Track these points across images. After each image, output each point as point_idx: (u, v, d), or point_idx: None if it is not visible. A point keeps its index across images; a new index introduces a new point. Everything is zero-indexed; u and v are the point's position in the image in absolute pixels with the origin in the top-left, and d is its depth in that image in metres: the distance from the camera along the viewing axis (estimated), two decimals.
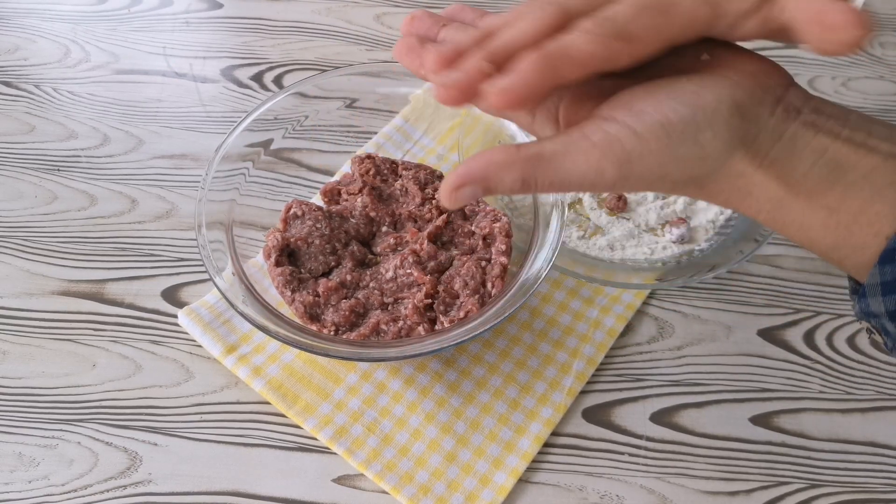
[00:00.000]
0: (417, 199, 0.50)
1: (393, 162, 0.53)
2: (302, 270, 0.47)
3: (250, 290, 0.44)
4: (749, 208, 0.28)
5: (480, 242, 0.49)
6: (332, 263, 0.48)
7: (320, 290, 0.46)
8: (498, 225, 0.48)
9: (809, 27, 0.25)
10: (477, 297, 0.46)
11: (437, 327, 0.45)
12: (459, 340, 0.41)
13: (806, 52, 0.71)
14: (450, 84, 0.26)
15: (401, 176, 0.52)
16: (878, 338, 0.28)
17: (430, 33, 0.31)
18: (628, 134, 0.25)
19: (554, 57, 0.25)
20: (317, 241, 0.48)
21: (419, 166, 0.53)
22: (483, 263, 0.47)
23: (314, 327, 0.45)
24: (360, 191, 0.51)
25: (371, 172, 0.52)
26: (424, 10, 0.32)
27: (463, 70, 0.26)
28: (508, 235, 0.48)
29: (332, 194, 0.52)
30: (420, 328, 0.45)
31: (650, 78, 0.27)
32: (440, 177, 0.53)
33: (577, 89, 0.28)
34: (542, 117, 0.29)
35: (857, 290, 0.28)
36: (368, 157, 0.53)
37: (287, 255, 0.48)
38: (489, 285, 0.46)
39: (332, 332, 0.45)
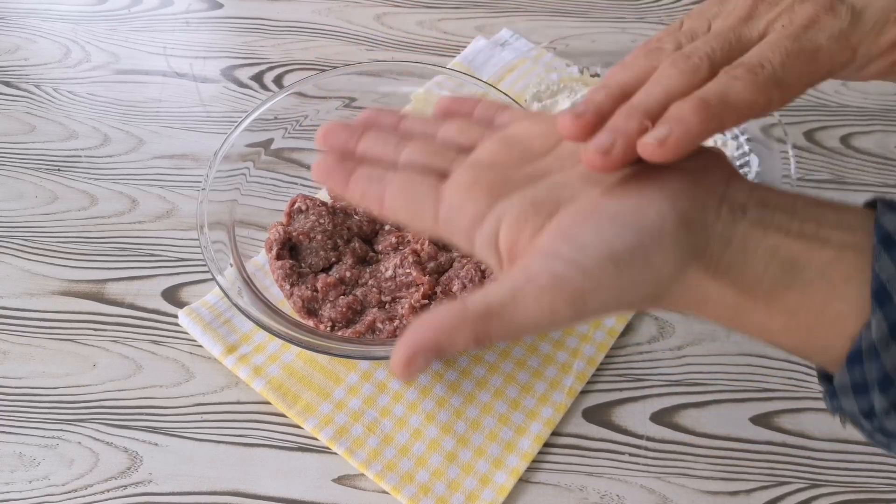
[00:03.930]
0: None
1: None
2: (302, 265, 0.47)
3: (251, 288, 0.45)
4: (707, 314, 0.26)
5: None
6: (333, 259, 0.48)
7: (319, 285, 0.46)
8: None
9: None
10: None
11: None
12: None
13: None
14: (610, 150, 0.24)
15: None
16: (852, 426, 0.27)
17: (349, 146, 0.29)
18: (576, 271, 0.23)
19: (715, 105, 0.24)
20: (319, 237, 0.48)
21: None
22: (483, 266, 0.47)
23: (311, 322, 0.45)
24: None
25: None
26: (337, 121, 0.30)
27: (622, 132, 0.24)
28: None
29: None
30: None
31: (589, 183, 0.26)
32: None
33: (515, 211, 0.26)
34: (482, 242, 0.26)
35: (828, 389, 0.26)
36: None
37: (289, 248, 0.48)
38: None
39: (328, 329, 0.45)
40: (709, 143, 0.60)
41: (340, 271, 0.47)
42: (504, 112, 0.32)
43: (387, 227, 0.51)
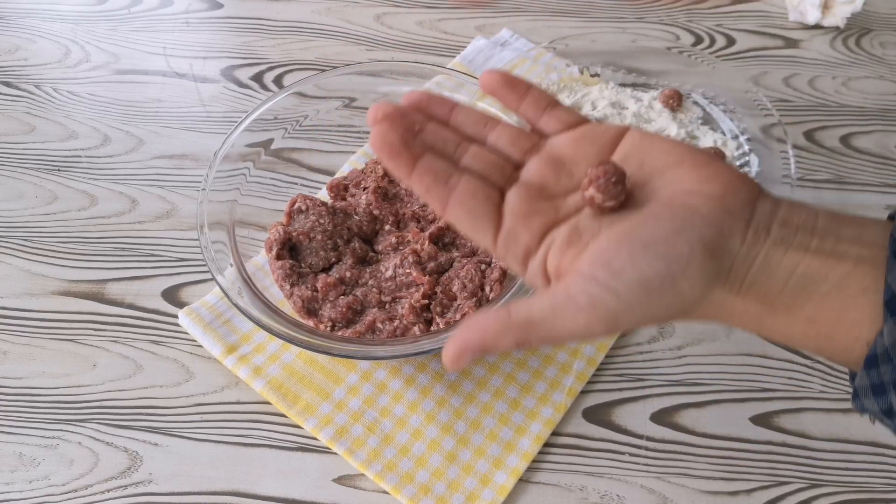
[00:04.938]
0: (422, 200, 0.50)
1: None
2: (302, 265, 0.47)
3: (250, 288, 0.45)
4: (733, 323, 0.29)
5: None
6: (333, 259, 0.48)
7: (319, 285, 0.46)
8: None
9: None
10: (474, 300, 0.45)
11: (432, 328, 0.45)
12: None
13: (806, 51, 0.71)
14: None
15: None
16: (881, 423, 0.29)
17: (409, 130, 0.31)
18: (611, 295, 0.26)
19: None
20: (319, 237, 0.48)
21: None
22: (483, 267, 0.47)
23: (311, 322, 0.45)
24: (367, 189, 0.51)
25: (382, 174, 0.51)
26: (389, 104, 0.31)
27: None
28: None
29: (339, 189, 0.52)
30: (415, 328, 0.45)
31: (627, 209, 0.28)
32: None
33: (562, 238, 0.29)
34: (534, 270, 0.29)
35: (853, 388, 0.28)
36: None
37: (289, 248, 0.48)
38: (487, 289, 0.46)
39: (328, 329, 0.45)
40: (709, 143, 0.60)
41: (340, 271, 0.47)
42: (550, 115, 0.33)
43: (387, 228, 0.51)
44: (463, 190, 0.30)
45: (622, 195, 0.28)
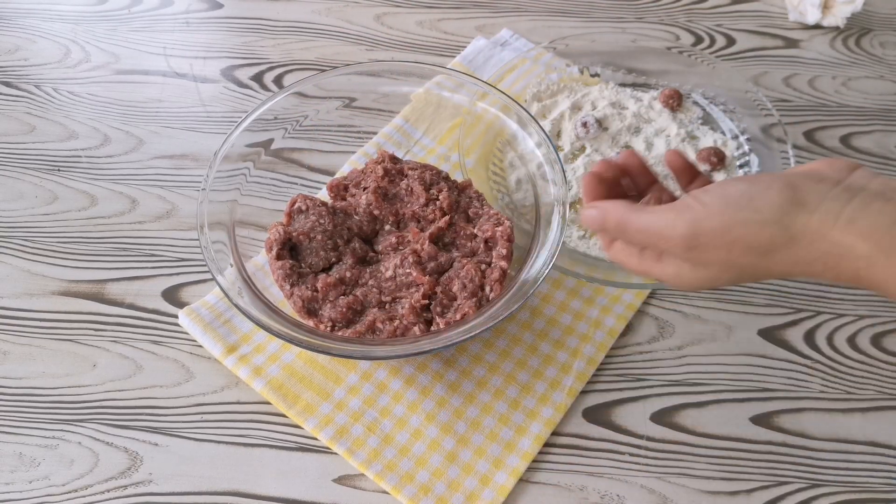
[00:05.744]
0: (422, 200, 0.50)
1: (398, 161, 0.53)
2: (302, 265, 0.47)
3: (251, 288, 0.45)
4: (846, 271, 0.30)
5: (482, 245, 0.49)
6: (333, 259, 0.48)
7: (319, 285, 0.46)
8: (500, 229, 0.48)
9: None
10: (475, 300, 0.45)
11: (432, 328, 0.45)
12: (452, 342, 0.41)
13: (806, 51, 0.71)
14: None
15: (406, 176, 0.52)
16: None
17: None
18: (697, 202, 0.33)
19: None
20: (319, 237, 0.48)
21: (425, 166, 0.53)
22: (483, 267, 0.47)
23: (311, 322, 0.45)
24: (367, 189, 0.51)
25: (382, 175, 0.51)
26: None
27: None
28: (510, 240, 0.48)
29: (339, 189, 0.52)
30: (416, 328, 0.44)
31: None
32: (445, 178, 0.52)
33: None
34: None
35: None
36: (389, 158, 0.52)
37: (289, 248, 0.48)
38: (487, 289, 0.46)
39: (328, 329, 0.45)
40: (709, 143, 0.60)
41: (340, 271, 0.47)
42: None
43: (387, 228, 0.51)
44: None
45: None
